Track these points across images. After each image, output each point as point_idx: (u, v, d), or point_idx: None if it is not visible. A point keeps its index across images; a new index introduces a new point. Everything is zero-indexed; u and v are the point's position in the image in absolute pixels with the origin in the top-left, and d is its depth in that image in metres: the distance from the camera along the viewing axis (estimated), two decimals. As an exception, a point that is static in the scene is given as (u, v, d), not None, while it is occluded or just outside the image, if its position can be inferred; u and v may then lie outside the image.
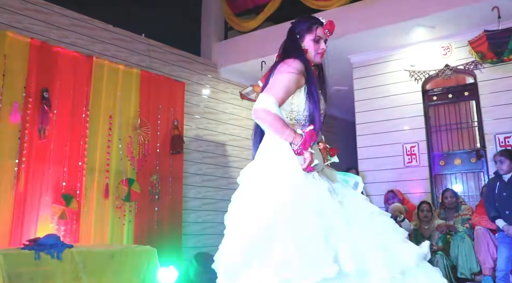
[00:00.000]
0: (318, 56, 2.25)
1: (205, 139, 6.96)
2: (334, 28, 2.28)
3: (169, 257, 5.62)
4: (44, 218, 4.82)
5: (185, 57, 6.90)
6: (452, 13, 5.41)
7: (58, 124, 5.07)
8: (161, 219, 5.92)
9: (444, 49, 6.04)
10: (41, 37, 5.15)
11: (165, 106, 6.26)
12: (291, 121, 2.11)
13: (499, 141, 5.47)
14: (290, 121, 2.11)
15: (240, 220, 1.93)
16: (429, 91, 6.24)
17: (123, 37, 6.08)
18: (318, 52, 2.24)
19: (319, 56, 2.25)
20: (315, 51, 2.23)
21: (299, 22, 2.29)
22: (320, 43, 2.25)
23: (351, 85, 6.79)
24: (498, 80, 5.63)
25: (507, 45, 4.97)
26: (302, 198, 1.85)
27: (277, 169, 1.95)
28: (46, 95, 4.96)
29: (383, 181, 6.09)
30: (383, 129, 6.28)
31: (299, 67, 2.08)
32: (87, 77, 5.44)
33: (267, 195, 1.89)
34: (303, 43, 2.23)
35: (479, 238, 4.67)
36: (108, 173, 5.47)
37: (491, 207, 4.15)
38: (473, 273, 4.77)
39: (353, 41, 6.22)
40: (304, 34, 2.24)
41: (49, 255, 4.04)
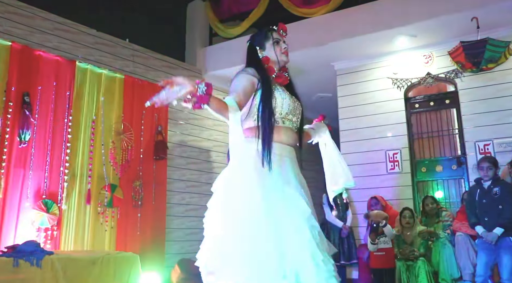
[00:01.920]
0: (284, 55, 2.37)
1: (189, 145, 6.94)
2: (286, 27, 2.44)
3: (152, 263, 5.57)
4: (23, 224, 4.73)
5: (169, 63, 6.88)
6: (433, 22, 5.52)
7: (40, 129, 5.01)
8: (144, 225, 5.86)
9: (425, 57, 6.14)
10: (23, 41, 5.09)
11: (149, 111, 6.22)
12: (254, 121, 2.21)
13: (479, 148, 5.57)
14: (254, 122, 2.20)
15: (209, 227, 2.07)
16: (411, 98, 6.33)
17: (107, 42, 6.04)
18: (282, 52, 2.37)
19: (284, 55, 2.37)
20: (279, 52, 2.36)
21: (255, 35, 2.44)
22: (280, 44, 2.38)
23: (335, 92, 6.85)
24: (478, 88, 5.74)
25: (483, 55, 5.09)
26: (256, 211, 1.96)
27: (234, 178, 2.07)
28: (27, 99, 4.89)
29: (366, 187, 6.14)
30: (367, 136, 6.34)
31: (249, 71, 2.22)
32: (70, 82, 5.38)
33: (225, 205, 2.02)
34: (265, 51, 2.36)
35: (459, 244, 4.74)
36: (91, 178, 5.41)
37: (472, 213, 4.21)
38: (454, 278, 4.83)
39: (337, 49, 6.28)
40: (264, 43, 2.38)
41: (28, 262, 3.97)
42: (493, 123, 5.56)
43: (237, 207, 1.98)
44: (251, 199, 1.97)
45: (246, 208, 1.96)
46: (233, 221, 1.96)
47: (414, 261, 4.91)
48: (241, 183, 2.02)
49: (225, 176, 2.10)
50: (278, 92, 2.24)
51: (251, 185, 2.01)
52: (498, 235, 3.92)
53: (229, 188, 2.04)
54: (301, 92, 2.51)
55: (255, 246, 1.88)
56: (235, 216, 1.97)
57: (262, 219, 1.93)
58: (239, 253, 1.90)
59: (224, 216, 1.99)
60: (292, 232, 1.96)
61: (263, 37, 2.38)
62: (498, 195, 4.04)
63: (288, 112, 2.24)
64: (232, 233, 1.94)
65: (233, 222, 1.96)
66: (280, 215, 1.98)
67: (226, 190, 2.05)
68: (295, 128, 2.30)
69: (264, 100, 2.16)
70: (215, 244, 1.98)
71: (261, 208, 1.95)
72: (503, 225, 3.93)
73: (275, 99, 2.20)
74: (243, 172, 2.05)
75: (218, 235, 1.97)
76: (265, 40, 2.37)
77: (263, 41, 2.38)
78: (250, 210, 1.96)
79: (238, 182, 2.03)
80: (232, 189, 2.02)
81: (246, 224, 1.94)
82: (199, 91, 1.82)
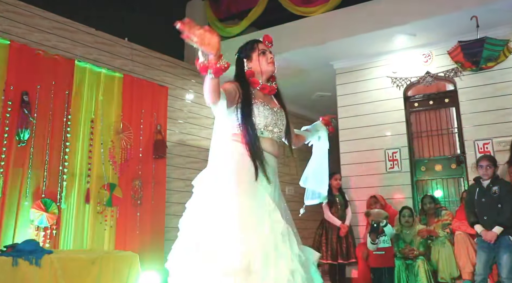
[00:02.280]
0: (270, 65, 2.46)
1: (188, 144, 6.93)
2: (271, 38, 2.53)
3: (151, 262, 5.56)
4: (22, 223, 4.72)
5: (168, 62, 6.88)
6: (433, 21, 5.52)
7: (38, 128, 4.99)
8: (144, 224, 5.86)
9: (425, 56, 6.14)
10: (22, 40, 5.08)
11: (148, 110, 6.22)
12: (237, 131, 2.33)
13: (478, 147, 5.57)
14: (236, 130, 2.33)
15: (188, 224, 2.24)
16: (411, 97, 6.33)
17: (106, 41, 6.03)
18: (269, 62, 2.45)
19: (271, 65, 2.46)
20: (266, 62, 2.45)
21: (242, 48, 2.53)
22: (266, 55, 2.47)
23: (334, 91, 6.85)
24: (477, 87, 5.74)
25: (481, 54, 5.11)
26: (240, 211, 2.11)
27: (219, 180, 2.24)
28: (26, 98, 4.88)
29: (366, 186, 6.14)
30: (366, 135, 6.34)
31: (233, 82, 2.34)
32: (69, 81, 5.37)
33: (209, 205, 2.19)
34: (251, 63, 2.45)
35: (459, 243, 4.74)
36: (90, 177, 5.40)
37: (471, 212, 4.21)
38: (453, 277, 4.83)
39: (336, 48, 6.28)
40: (250, 54, 2.47)
41: (27, 261, 3.96)
42: (493, 122, 5.56)
43: (215, 210, 2.15)
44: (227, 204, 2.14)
45: (221, 210, 2.13)
46: (208, 222, 2.13)
47: (414, 260, 4.92)
48: (223, 188, 2.19)
49: (207, 178, 2.29)
50: (256, 106, 2.34)
51: (231, 191, 2.17)
52: (497, 234, 3.93)
53: (210, 192, 2.22)
54: (300, 91, 2.55)
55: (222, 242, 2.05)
56: (212, 216, 2.14)
57: (234, 221, 2.09)
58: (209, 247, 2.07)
59: (202, 217, 2.17)
60: (256, 225, 2.10)
61: (250, 48, 2.48)
62: (497, 194, 4.04)
63: (266, 125, 2.34)
64: (202, 231, 2.11)
65: (208, 222, 2.13)
66: (248, 212, 2.13)
67: (207, 194, 2.24)
68: (277, 138, 2.41)
69: (244, 116, 2.29)
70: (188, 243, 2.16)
71: (234, 213, 2.11)
72: (502, 224, 3.93)
73: (253, 114, 2.31)
74: (226, 177, 2.22)
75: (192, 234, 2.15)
76: (251, 51, 2.47)
77: (250, 53, 2.47)
78: (224, 213, 2.12)
79: (220, 187, 2.20)
80: (213, 193, 2.21)
81: (218, 223, 2.10)
82: (221, 62, 1.87)
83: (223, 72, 1.89)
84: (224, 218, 2.08)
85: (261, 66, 2.44)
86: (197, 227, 2.14)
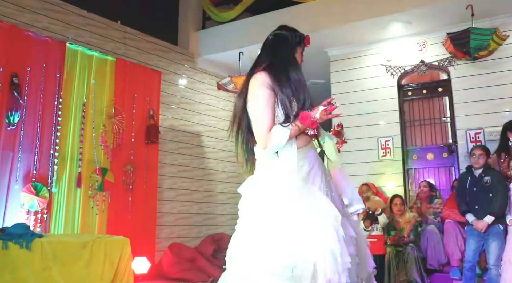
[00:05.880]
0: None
1: (181, 130, 6.90)
2: (310, 41, 2.38)
3: (142, 247, 5.58)
4: (13, 207, 4.69)
5: (161, 46, 6.80)
6: (428, 9, 5.49)
7: (29, 111, 4.93)
8: (135, 209, 5.85)
9: (420, 45, 6.13)
10: (11, 20, 4.98)
11: (141, 95, 6.16)
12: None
13: (470, 136, 5.60)
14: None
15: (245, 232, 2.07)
16: (404, 86, 6.33)
17: (98, 24, 5.94)
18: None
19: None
20: (300, 62, 2.32)
21: (291, 32, 2.31)
22: (303, 56, 2.35)
23: (328, 78, 6.83)
24: (470, 77, 5.75)
25: (469, 44, 5.10)
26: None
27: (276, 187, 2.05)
28: (15, 80, 4.81)
29: (358, 174, 6.17)
30: (359, 122, 6.34)
31: (266, 82, 2.11)
32: (60, 63, 5.29)
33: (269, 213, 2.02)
34: (296, 55, 2.29)
35: (448, 231, 4.79)
36: (81, 162, 5.36)
37: (462, 201, 4.24)
38: (442, 264, 4.90)
39: (331, 35, 6.24)
40: (296, 46, 2.30)
41: (17, 245, 3.95)
42: (485, 112, 5.59)
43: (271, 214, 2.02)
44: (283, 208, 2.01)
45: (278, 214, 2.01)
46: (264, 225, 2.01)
47: (404, 247, 4.97)
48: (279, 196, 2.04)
49: (263, 186, 2.10)
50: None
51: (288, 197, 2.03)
52: (488, 223, 3.97)
53: (266, 199, 2.06)
54: (294, 78, 2.47)
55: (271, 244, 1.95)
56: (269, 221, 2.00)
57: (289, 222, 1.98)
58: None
59: (259, 220, 2.03)
60: (314, 226, 1.99)
61: (298, 40, 2.30)
62: (488, 184, 4.06)
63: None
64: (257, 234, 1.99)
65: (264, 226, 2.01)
66: (304, 214, 2.01)
67: (262, 201, 2.06)
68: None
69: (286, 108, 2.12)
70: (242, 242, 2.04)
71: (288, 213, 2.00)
72: (493, 213, 3.96)
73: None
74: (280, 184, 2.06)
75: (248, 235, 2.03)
76: (298, 44, 2.30)
77: (297, 44, 2.30)
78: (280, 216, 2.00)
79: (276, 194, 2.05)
80: (269, 200, 2.05)
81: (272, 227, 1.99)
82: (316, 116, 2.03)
83: (315, 125, 2.06)
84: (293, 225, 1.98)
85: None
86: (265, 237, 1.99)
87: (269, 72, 2.12)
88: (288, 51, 2.25)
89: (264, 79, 2.09)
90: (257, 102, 2.08)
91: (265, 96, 2.06)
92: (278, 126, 2.04)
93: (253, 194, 2.10)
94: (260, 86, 2.08)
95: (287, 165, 2.05)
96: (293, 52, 2.27)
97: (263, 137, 2.04)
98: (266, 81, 2.09)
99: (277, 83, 2.10)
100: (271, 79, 2.10)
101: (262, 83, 2.08)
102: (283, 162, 2.06)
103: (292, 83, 2.12)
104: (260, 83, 2.09)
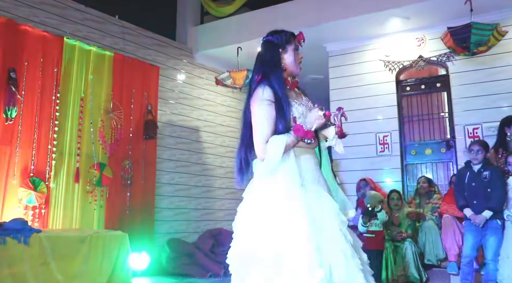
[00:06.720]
0: (299, 66, 2.33)
1: (179, 125, 6.89)
2: (304, 38, 2.35)
3: (141, 242, 5.57)
4: (11, 202, 4.68)
5: (160, 41, 6.77)
6: (427, 4, 5.48)
7: (26, 106, 4.92)
8: (133, 205, 5.85)
9: (418, 40, 6.12)
10: (7, 15, 4.94)
11: (139, 90, 6.15)
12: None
13: (468, 132, 5.61)
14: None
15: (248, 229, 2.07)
16: (403, 81, 6.33)
17: (96, 18, 5.91)
18: (299, 62, 2.33)
19: (299, 66, 2.34)
20: (296, 61, 2.31)
21: (277, 34, 2.31)
22: (298, 53, 2.33)
23: (326, 73, 6.82)
24: (468, 72, 5.75)
25: (470, 39, 5.09)
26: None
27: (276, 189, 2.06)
28: (13, 75, 4.79)
29: (356, 169, 6.17)
30: (357, 118, 6.33)
31: (269, 96, 2.14)
32: (57, 58, 5.27)
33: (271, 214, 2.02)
34: (286, 55, 2.28)
35: (446, 226, 4.80)
36: (79, 157, 5.35)
37: (460, 196, 4.24)
38: (439, 259, 4.91)
39: (330, 30, 6.22)
40: (286, 46, 2.29)
41: (15, 240, 3.94)
42: (483, 107, 5.59)
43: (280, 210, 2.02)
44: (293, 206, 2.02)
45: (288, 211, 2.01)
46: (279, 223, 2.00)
47: (402, 242, 4.98)
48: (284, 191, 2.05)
49: (264, 186, 2.10)
50: (295, 108, 2.21)
51: (293, 193, 2.04)
52: (486, 218, 3.98)
53: (269, 196, 2.06)
54: (293, 73, 2.46)
55: (296, 242, 1.95)
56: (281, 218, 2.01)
57: (303, 219, 1.99)
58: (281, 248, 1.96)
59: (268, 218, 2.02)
60: (325, 228, 2.02)
61: (287, 39, 2.29)
62: (487, 179, 4.06)
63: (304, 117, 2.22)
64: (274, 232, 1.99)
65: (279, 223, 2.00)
66: (315, 213, 2.03)
67: (266, 198, 2.07)
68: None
69: (283, 121, 2.15)
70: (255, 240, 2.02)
71: (301, 209, 2.00)
72: (491, 208, 3.97)
73: (293, 113, 2.19)
74: (283, 183, 2.07)
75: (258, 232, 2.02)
76: (287, 43, 2.28)
77: (286, 44, 2.28)
78: (291, 212, 2.00)
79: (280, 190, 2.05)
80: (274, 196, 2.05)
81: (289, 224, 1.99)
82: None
83: (310, 135, 2.15)
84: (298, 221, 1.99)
85: (292, 63, 2.28)
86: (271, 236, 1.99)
87: (267, 85, 2.16)
88: (277, 61, 2.26)
89: (262, 94, 2.14)
90: (256, 115, 2.14)
91: (264, 109, 2.12)
92: (274, 136, 2.09)
93: (254, 201, 2.10)
94: (258, 100, 2.14)
95: (288, 174, 2.06)
96: (277, 59, 2.25)
97: (260, 148, 2.09)
98: (265, 96, 2.13)
99: (276, 96, 2.14)
100: (271, 91, 2.14)
101: (260, 98, 2.13)
102: (283, 172, 2.07)
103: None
104: (258, 98, 2.14)
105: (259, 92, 2.15)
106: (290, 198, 2.01)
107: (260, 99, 2.13)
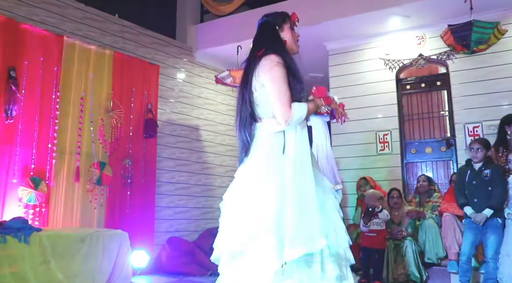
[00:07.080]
0: (297, 43, 2.40)
1: (179, 124, 6.89)
2: (298, 17, 2.44)
3: (141, 241, 5.58)
4: (11, 201, 4.68)
5: (160, 40, 6.77)
6: (427, 3, 5.47)
7: (27, 105, 4.91)
8: (134, 203, 5.85)
9: (418, 38, 6.11)
10: (7, 13, 4.94)
11: (139, 89, 6.14)
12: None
13: (468, 130, 5.61)
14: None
15: (240, 210, 2.14)
16: (403, 80, 6.32)
17: (96, 17, 5.90)
18: (297, 40, 2.39)
19: (297, 43, 2.40)
20: (294, 38, 2.38)
21: (272, 15, 2.39)
22: (294, 30, 2.39)
23: (326, 72, 6.82)
24: (469, 70, 5.75)
25: (471, 37, 5.09)
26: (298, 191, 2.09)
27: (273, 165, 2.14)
28: (13, 74, 4.78)
29: (356, 168, 6.17)
30: (357, 116, 6.33)
31: (281, 60, 2.20)
32: (57, 57, 5.27)
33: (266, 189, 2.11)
34: (283, 33, 2.34)
35: (446, 224, 4.80)
36: (79, 156, 5.35)
37: (461, 194, 4.24)
38: (439, 258, 4.91)
39: (330, 28, 6.22)
40: (282, 24, 2.36)
41: (16, 239, 3.95)
42: (483, 106, 5.59)
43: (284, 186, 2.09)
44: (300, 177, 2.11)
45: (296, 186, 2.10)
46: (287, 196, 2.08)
47: (402, 240, 4.98)
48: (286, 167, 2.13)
49: (262, 165, 2.17)
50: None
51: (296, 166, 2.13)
52: (487, 216, 3.98)
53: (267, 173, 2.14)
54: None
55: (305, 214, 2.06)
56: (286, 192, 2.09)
57: (311, 194, 2.10)
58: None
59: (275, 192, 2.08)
60: (322, 203, 2.15)
61: (281, 19, 2.37)
62: (488, 177, 4.06)
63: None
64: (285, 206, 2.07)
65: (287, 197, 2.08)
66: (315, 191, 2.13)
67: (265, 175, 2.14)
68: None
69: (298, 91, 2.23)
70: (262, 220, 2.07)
71: (310, 186, 2.11)
72: (492, 207, 3.97)
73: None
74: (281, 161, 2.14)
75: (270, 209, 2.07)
76: (283, 22, 2.36)
77: (281, 23, 2.36)
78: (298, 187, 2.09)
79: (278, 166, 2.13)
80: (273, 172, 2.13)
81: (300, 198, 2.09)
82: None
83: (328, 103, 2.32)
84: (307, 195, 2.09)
85: (290, 40, 2.35)
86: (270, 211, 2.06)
87: (274, 53, 2.20)
88: (277, 35, 2.33)
89: (275, 58, 2.18)
90: (276, 78, 2.16)
91: (283, 73, 2.16)
92: (295, 103, 2.15)
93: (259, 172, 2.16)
94: (273, 64, 2.16)
95: (302, 145, 2.15)
96: (277, 34, 2.33)
97: (284, 112, 2.12)
98: (278, 59, 2.17)
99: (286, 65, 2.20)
100: (280, 57, 2.19)
101: (276, 62, 2.17)
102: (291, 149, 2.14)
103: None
104: (275, 62, 2.17)
105: (271, 58, 2.18)
106: (302, 173, 2.09)
107: (274, 63, 2.16)
